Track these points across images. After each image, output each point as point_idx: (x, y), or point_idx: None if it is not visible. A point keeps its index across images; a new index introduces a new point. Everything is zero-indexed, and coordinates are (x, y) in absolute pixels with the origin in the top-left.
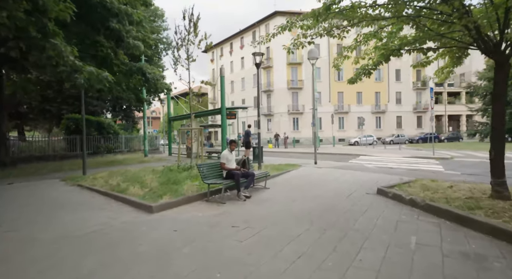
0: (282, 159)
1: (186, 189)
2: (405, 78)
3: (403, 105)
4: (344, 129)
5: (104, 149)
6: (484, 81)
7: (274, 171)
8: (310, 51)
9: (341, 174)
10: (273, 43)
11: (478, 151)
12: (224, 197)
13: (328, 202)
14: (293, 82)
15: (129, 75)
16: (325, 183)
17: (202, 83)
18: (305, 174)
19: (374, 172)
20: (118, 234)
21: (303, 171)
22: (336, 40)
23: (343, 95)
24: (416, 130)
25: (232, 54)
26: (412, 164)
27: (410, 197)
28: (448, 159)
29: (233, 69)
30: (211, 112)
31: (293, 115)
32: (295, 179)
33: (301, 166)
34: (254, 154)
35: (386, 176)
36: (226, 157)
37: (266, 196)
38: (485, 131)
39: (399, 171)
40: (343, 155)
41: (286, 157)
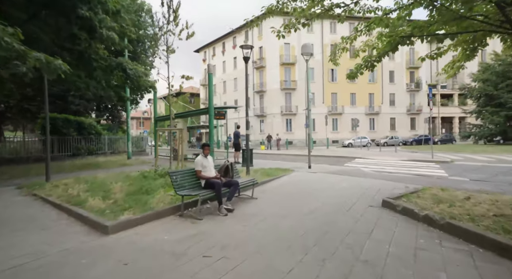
0: (273, 163)
1: (157, 201)
2: (398, 79)
3: (396, 106)
4: (337, 130)
5: (85, 151)
6: (478, 83)
7: (264, 177)
8: (304, 46)
9: (337, 181)
10: (266, 42)
11: (476, 154)
12: (202, 211)
13: (325, 218)
14: (286, 82)
15: (109, 71)
16: (320, 192)
17: (183, 78)
18: (298, 181)
19: (373, 177)
20: (41, 274)
21: (296, 176)
22: (330, 39)
23: (337, 96)
24: (409, 132)
25: (224, 54)
26: (412, 169)
27: (424, 213)
28: (448, 162)
29: (225, 69)
30: (197, 112)
31: (286, 116)
32: (287, 186)
33: (294, 170)
34: (243, 157)
35: (388, 183)
36: (200, 164)
37: (252, 210)
38: (479, 133)
39: (400, 177)
40: (338, 157)
41: (278, 159)
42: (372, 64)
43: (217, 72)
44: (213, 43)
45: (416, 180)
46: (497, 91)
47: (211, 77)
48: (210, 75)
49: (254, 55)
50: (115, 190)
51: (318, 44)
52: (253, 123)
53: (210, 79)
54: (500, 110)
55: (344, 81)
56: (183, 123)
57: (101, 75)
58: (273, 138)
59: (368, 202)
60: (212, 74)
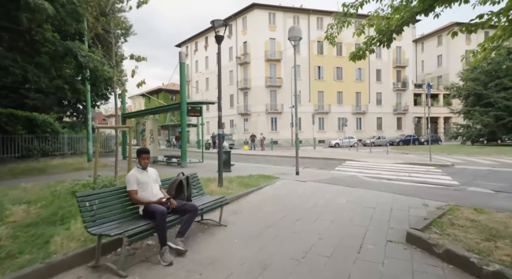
0: (256, 167)
1: (67, 238)
2: (385, 78)
3: (383, 106)
4: (324, 130)
5: (38, 151)
6: (468, 82)
7: (241, 189)
8: (292, 29)
9: (334, 195)
10: (251, 37)
11: (473, 156)
12: (135, 257)
13: (328, 273)
14: (271, 79)
15: (58, 57)
16: (314, 214)
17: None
18: (285, 195)
19: (375, 188)
20: None
21: (282, 187)
22: (317, 36)
23: (323, 95)
24: (396, 132)
25: (207, 49)
26: (412, 174)
27: (494, 268)
28: (449, 166)
29: (208, 65)
30: (167, 108)
31: (271, 115)
32: (270, 204)
33: (279, 178)
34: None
35: (399, 199)
36: (134, 180)
37: (214, 251)
38: (467, 133)
39: (407, 187)
40: (327, 160)
41: (261, 162)
42: (389, 38)
43: (199, 68)
44: (195, 37)
45: (429, 193)
46: (486, 90)
47: (182, 67)
48: (182, 64)
49: (238, 50)
50: (14, 217)
51: (304, 40)
52: (237, 122)
53: (181, 69)
54: (489, 110)
55: (331, 79)
56: (153, 121)
57: (48, 62)
58: (257, 138)
59: (384, 233)
60: (184, 63)
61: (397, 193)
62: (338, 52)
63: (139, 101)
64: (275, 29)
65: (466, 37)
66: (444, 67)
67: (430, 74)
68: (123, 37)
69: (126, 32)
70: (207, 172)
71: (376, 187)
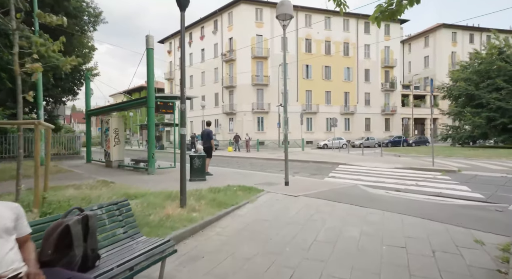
0: (237, 173)
1: None
2: (374, 78)
3: (372, 106)
4: (312, 130)
5: None
6: (459, 82)
7: (211, 210)
8: (281, 4)
9: (339, 220)
10: (237, 33)
11: (471, 159)
12: None
13: None
14: (258, 77)
15: None
16: (316, 262)
17: None
18: (270, 221)
19: (390, 207)
20: None
21: (266, 207)
22: (305, 33)
23: (312, 94)
24: (384, 133)
25: (191, 45)
26: (421, 183)
27: None
28: (455, 172)
29: (192, 62)
30: (132, 103)
31: (257, 114)
32: (248, 240)
33: (263, 191)
34: (193, 168)
35: (432, 227)
36: None
37: None
38: (457, 135)
39: (428, 205)
40: (318, 163)
41: (245, 165)
42: None
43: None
44: (179, 33)
45: (465, 216)
46: (477, 91)
47: (150, 54)
48: (150, 51)
49: (224, 47)
50: None
51: (292, 37)
52: (222, 122)
53: (149, 56)
54: (481, 111)
55: (319, 78)
56: (118, 118)
57: None
58: (241, 139)
59: None
60: (152, 50)
61: (425, 218)
62: (326, 51)
63: (121, 99)
64: (262, 25)
65: (452, 38)
66: (431, 68)
67: (418, 75)
68: (92, 25)
69: (95, 20)
70: (175, 182)
71: (390, 205)
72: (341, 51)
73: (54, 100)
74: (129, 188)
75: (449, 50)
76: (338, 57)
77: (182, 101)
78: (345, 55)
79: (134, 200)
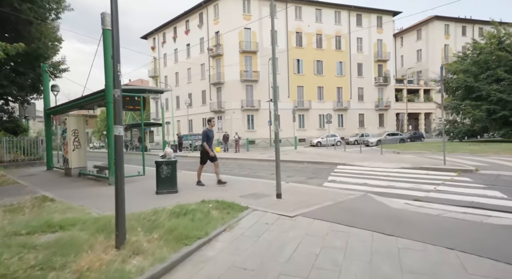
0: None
1: None
2: (367, 73)
3: (365, 102)
4: (304, 128)
5: None
6: (459, 74)
7: (165, 252)
8: None
9: (363, 267)
10: (224, 27)
11: (479, 155)
12: None
13: None
14: (247, 73)
15: None
16: None
17: None
18: (256, 269)
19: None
20: None
21: (251, 241)
22: (295, 27)
23: (303, 90)
24: (378, 129)
25: (176, 40)
26: (440, 187)
27: None
28: (473, 172)
29: (177, 58)
30: (90, 99)
31: (247, 112)
32: None
33: (248, 210)
34: (160, 177)
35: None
36: None
37: None
38: (455, 129)
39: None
40: (314, 164)
41: (232, 169)
42: None
43: (168, 62)
44: (163, 27)
45: None
46: (477, 82)
47: (107, 36)
48: (106, 32)
49: (210, 41)
50: None
51: (282, 31)
52: None
53: (105, 38)
54: (481, 104)
55: (311, 74)
56: (77, 118)
57: None
58: (230, 138)
59: None
60: (109, 31)
61: (494, 258)
62: (318, 44)
63: None
64: (250, 18)
65: (445, 31)
66: (423, 62)
67: (411, 69)
68: (55, 13)
69: (57, 7)
70: (139, 196)
71: (424, 228)
72: (333, 44)
73: (14, 99)
74: (67, 209)
75: (442, 43)
76: (330, 51)
77: (116, 85)
78: (337, 48)
79: (54, 233)
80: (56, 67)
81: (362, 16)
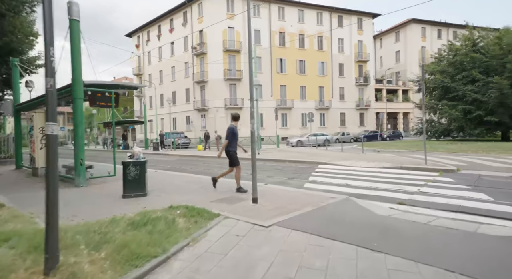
0: (196, 181)
1: None
2: (348, 73)
3: (346, 101)
4: (287, 126)
5: None
6: (436, 75)
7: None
8: None
9: None
10: (208, 26)
11: (457, 154)
12: None
13: None
14: (230, 72)
15: None
16: None
17: None
18: None
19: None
20: None
21: (216, 259)
22: (278, 26)
23: (286, 89)
24: (359, 128)
25: (160, 38)
26: (424, 189)
27: None
28: (454, 172)
29: (161, 56)
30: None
31: (231, 110)
32: None
33: (219, 217)
34: (127, 180)
35: None
36: None
37: None
38: (432, 129)
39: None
40: (296, 163)
41: (212, 169)
42: None
43: (152, 60)
44: (147, 26)
45: None
46: (453, 83)
47: (74, 27)
48: (74, 22)
49: (194, 40)
50: None
51: (265, 30)
52: (193, 119)
53: (72, 29)
54: (457, 104)
55: (294, 73)
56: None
57: None
58: (211, 137)
59: None
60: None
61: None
62: (300, 44)
63: None
64: (233, 17)
65: (422, 33)
66: (402, 63)
67: (390, 69)
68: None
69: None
70: (103, 200)
71: (413, 242)
72: (315, 44)
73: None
74: (13, 217)
75: (419, 45)
76: (312, 51)
77: (49, 73)
78: (319, 49)
79: None
80: (31, 62)
81: (343, 17)
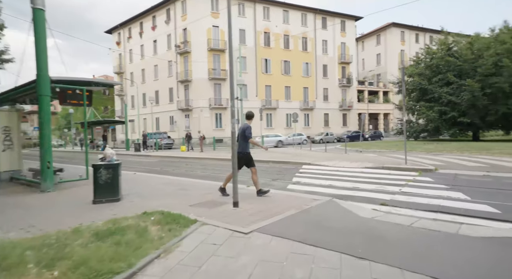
0: (175, 183)
1: None
2: (331, 74)
3: (330, 102)
4: (272, 126)
5: None
6: (414, 77)
7: None
8: None
9: None
10: (192, 24)
11: (434, 154)
12: None
13: None
14: (215, 71)
15: None
16: None
17: None
18: None
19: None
20: None
21: (189, 272)
22: (263, 26)
23: (271, 89)
24: (342, 128)
25: (142, 36)
26: (405, 189)
27: None
28: (433, 171)
29: (144, 54)
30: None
31: (215, 110)
32: None
33: (196, 223)
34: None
35: None
36: None
37: None
38: (410, 130)
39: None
40: (279, 163)
41: (194, 170)
42: None
43: (134, 58)
44: (128, 22)
45: None
46: (430, 85)
47: (39, 16)
48: (37, 12)
49: (178, 38)
50: None
51: (250, 30)
52: (177, 119)
53: (37, 20)
54: (434, 105)
55: (279, 73)
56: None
57: None
58: (193, 137)
59: None
60: (41, 11)
61: None
62: (285, 45)
63: None
64: (218, 16)
65: (401, 37)
66: (382, 66)
67: (372, 71)
68: None
69: None
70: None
71: (398, 248)
72: (299, 45)
73: None
74: None
75: (398, 48)
76: (297, 52)
77: None
78: (304, 50)
79: None
80: None
81: (327, 19)
